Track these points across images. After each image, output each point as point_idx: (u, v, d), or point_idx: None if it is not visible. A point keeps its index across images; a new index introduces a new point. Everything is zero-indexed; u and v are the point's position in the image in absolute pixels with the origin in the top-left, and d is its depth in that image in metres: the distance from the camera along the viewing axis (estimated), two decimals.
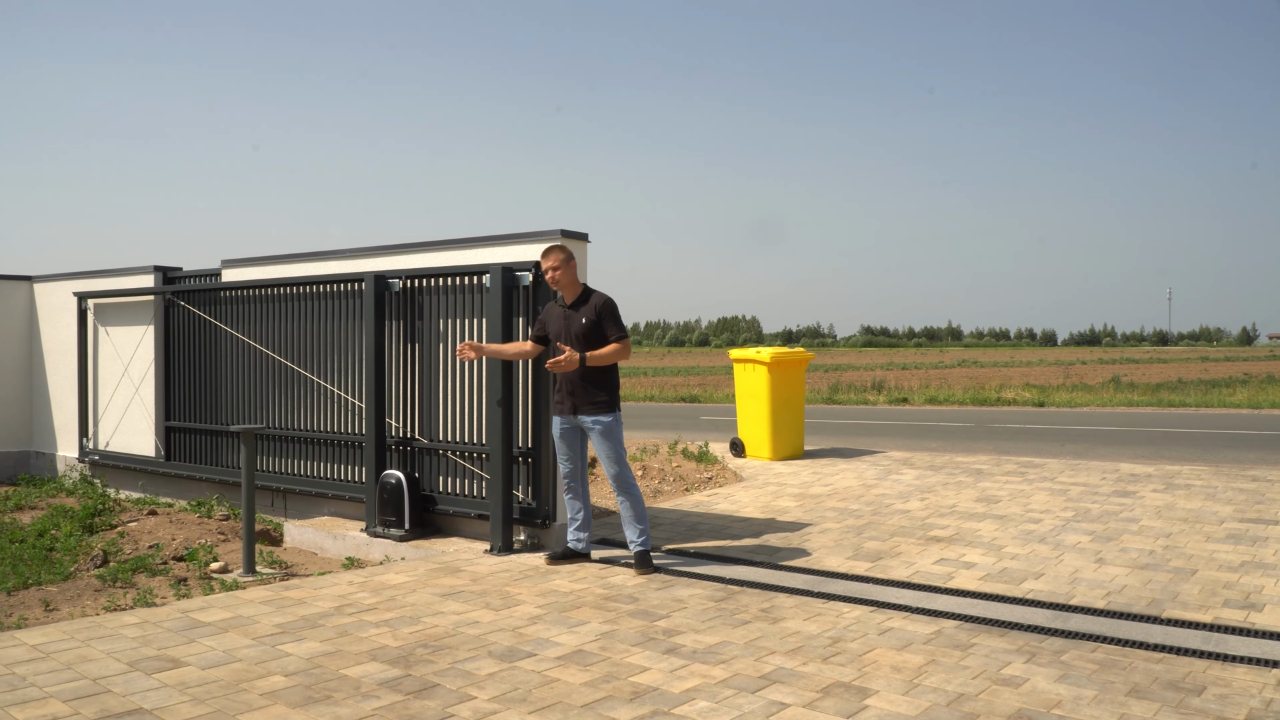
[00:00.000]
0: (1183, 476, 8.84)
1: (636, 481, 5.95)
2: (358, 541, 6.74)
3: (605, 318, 5.74)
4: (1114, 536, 6.45)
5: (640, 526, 5.74)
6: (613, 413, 5.75)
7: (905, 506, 7.63)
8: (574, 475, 5.90)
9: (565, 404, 5.78)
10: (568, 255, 5.79)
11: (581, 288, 5.86)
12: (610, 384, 5.80)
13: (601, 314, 5.73)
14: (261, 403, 7.97)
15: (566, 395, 5.77)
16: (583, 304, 5.77)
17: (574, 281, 5.81)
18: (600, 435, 5.73)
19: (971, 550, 6.14)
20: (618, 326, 5.76)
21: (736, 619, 4.71)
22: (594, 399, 5.72)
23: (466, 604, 4.96)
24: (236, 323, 8.16)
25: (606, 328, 5.74)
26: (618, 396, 5.85)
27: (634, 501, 5.77)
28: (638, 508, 5.77)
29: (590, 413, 5.73)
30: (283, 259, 7.90)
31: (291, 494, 7.77)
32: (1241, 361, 66.14)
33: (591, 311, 5.73)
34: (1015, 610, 4.86)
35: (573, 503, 5.95)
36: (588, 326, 5.71)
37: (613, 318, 5.76)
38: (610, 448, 5.73)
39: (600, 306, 5.74)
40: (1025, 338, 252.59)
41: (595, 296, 5.81)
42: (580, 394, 5.72)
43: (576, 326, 5.73)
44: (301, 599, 5.07)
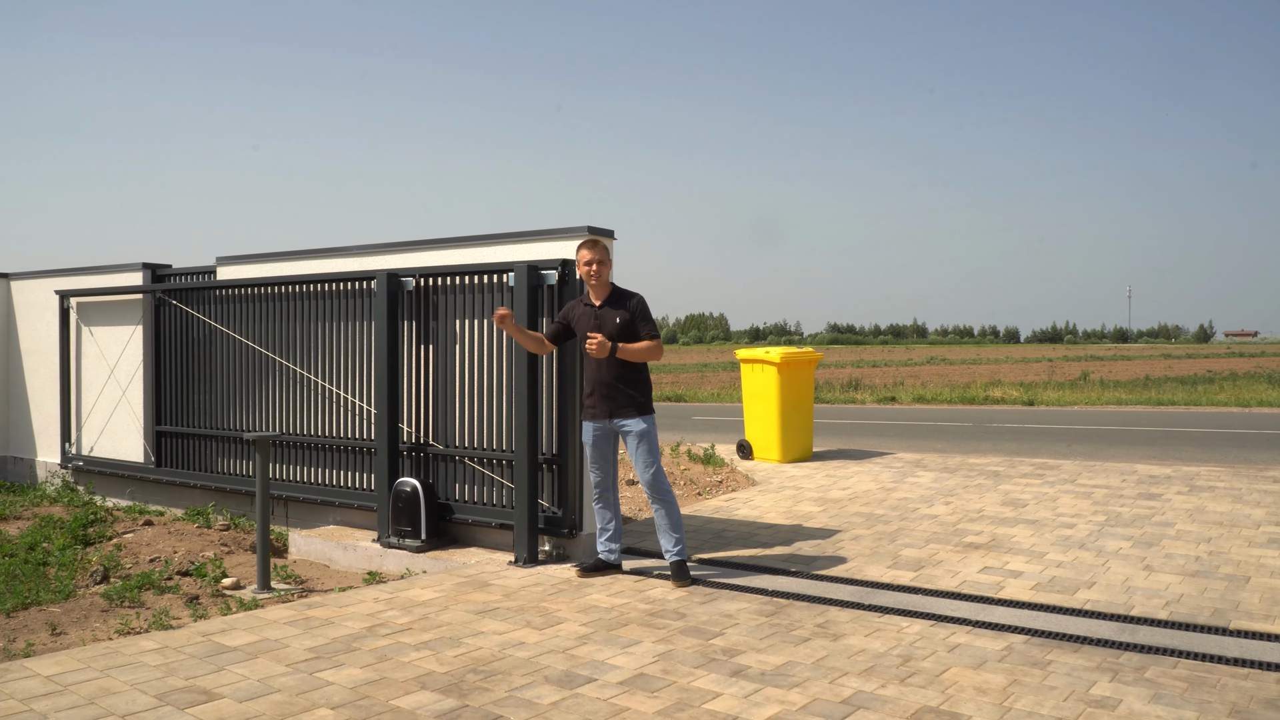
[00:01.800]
0: (1202, 478, 8.73)
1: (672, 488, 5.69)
2: (370, 553, 6.42)
3: (639, 317, 5.51)
4: (1154, 542, 6.29)
5: (676, 535, 5.48)
6: (648, 415, 5.53)
7: (931, 511, 7.44)
8: (606, 483, 5.63)
9: (599, 408, 5.51)
10: (605, 253, 5.54)
11: (611, 288, 5.61)
12: (644, 385, 5.56)
13: (636, 313, 5.50)
14: (261, 407, 7.61)
15: (600, 399, 5.50)
16: (614, 303, 5.53)
17: (606, 281, 5.58)
18: (636, 439, 5.48)
19: (1014, 558, 5.94)
20: (651, 325, 5.54)
21: (794, 635, 4.47)
22: (629, 401, 5.48)
23: (506, 622, 4.67)
24: (234, 323, 7.79)
25: (640, 327, 5.51)
26: (652, 399, 5.61)
27: (669, 509, 5.51)
28: (673, 515, 5.51)
29: (625, 416, 5.48)
30: (284, 256, 7.55)
31: (294, 502, 7.43)
32: (1203, 359, 67.16)
33: (625, 310, 5.49)
34: (1078, 623, 4.67)
35: (603, 512, 5.67)
36: (621, 326, 5.46)
37: (646, 317, 5.54)
38: (645, 452, 5.48)
39: (634, 306, 5.52)
40: (989, 335, 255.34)
41: (627, 295, 5.59)
42: (614, 397, 5.47)
43: (610, 326, 5.46)
44: (328, 619, 4.76)
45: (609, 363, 5.43)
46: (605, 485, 5.63)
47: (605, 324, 5.46)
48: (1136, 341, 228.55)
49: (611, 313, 5.49)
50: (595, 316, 5.52)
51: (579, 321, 5.58)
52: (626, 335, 5.46)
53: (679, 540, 5.49)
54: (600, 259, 5.48)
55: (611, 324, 5.46)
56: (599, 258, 5.48)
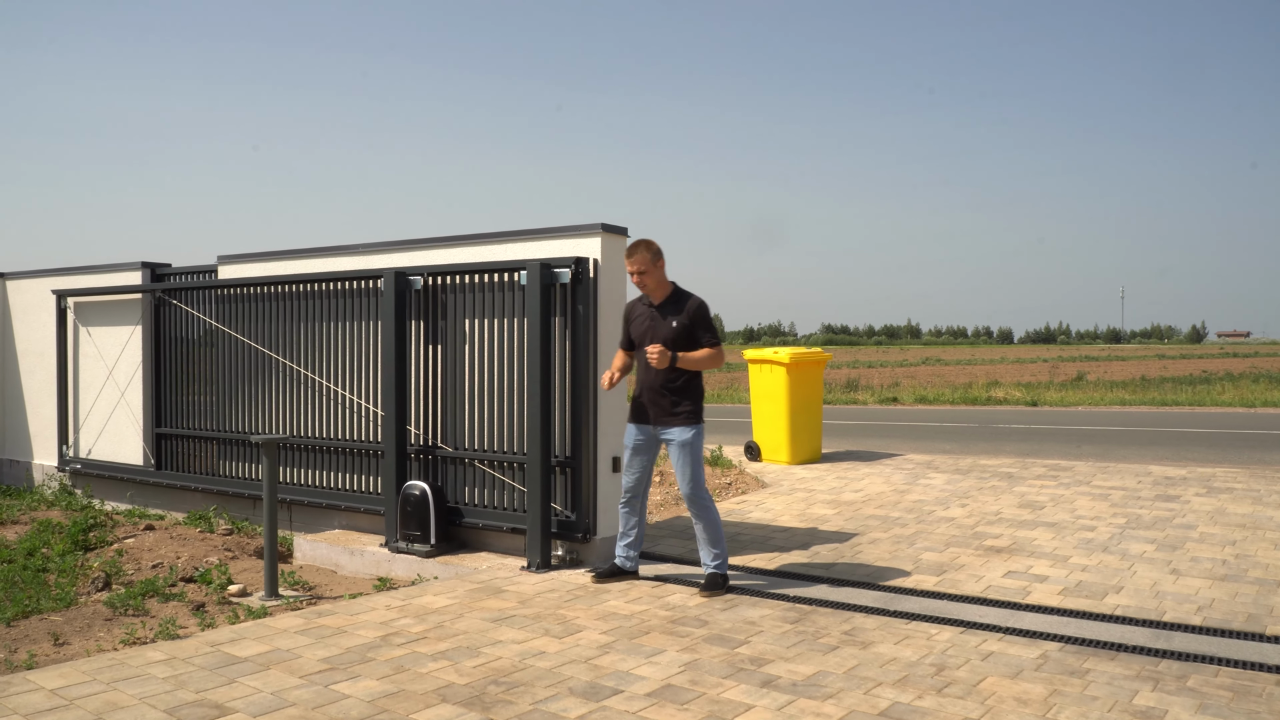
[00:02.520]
0: (1219, 479, 8.62)
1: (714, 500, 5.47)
2: (377, 558, 6.27)
3: (698, 323, 5.24)
4: (1178, 545, 6.18)
5: (716, 550, 5.25)
6: (695, 426, 5.26)
7: (948, 514, 7.31)
8: (638, 489, 5.40)
9: (644, 413, 5.31)
10: (654, 254, 5.25)
11: (671, 287, 5.36)
12: (695, 393, 5.31)
13: (694, 318, 5.24)
14: (264, 409, 7.45)
15: (646, 403, 5.29)
16: (672, 306, 5.29)
17: (662, 281, 5.32)
18: (678, 448, 5.23)
19: (1037, 562, 5.82)
20: (712, 332, 5.27)
21: (821, 643, 4.34)
22: (676, 409, 5.24)
23: (524, 631, 4.53)
24: (236, 323, 7.63)
25: (699, 333, 5.24)
26: (702, 408, 5.35)
27: (710, 522, 5.25)
28: (713, 530, 5.25)
29: (670, 424, 5.24)
30: (288, 255, 7.39)
31: (298, 505, 7.27)
32: (1198, 359, 67.27)
33: (683, 315, 5.24)
34: (1111, 629, 4.55)
35: (629, 517, 5.47)
36: (678, 331, 5.22)
37: (706, 323, 5.27)
38: (688, 463, 5.22)
39: (693, 311, 5.24)
40: (982, 335, 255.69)
41: (687, 299, 5.31)
42: (660, 403, 5.25)
43: (665, 330, 5.24)
44: (340, 627, 4.61)
45: (663, 370, 5.20)
46: (637, 491, 5.41)
47: (661, 327, 5.24)
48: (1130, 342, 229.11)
49: (668, 315, 5.25)
50: (651, 318, 5.31)
51: (636, 322, 5.39)
52: (683, 340, 5.22)
53: (718, 555, 5.26)
54: (640, 269, 5.23)
55: (668, 327, 5.23)
56: (638, 269, 5.24)
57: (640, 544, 5.54)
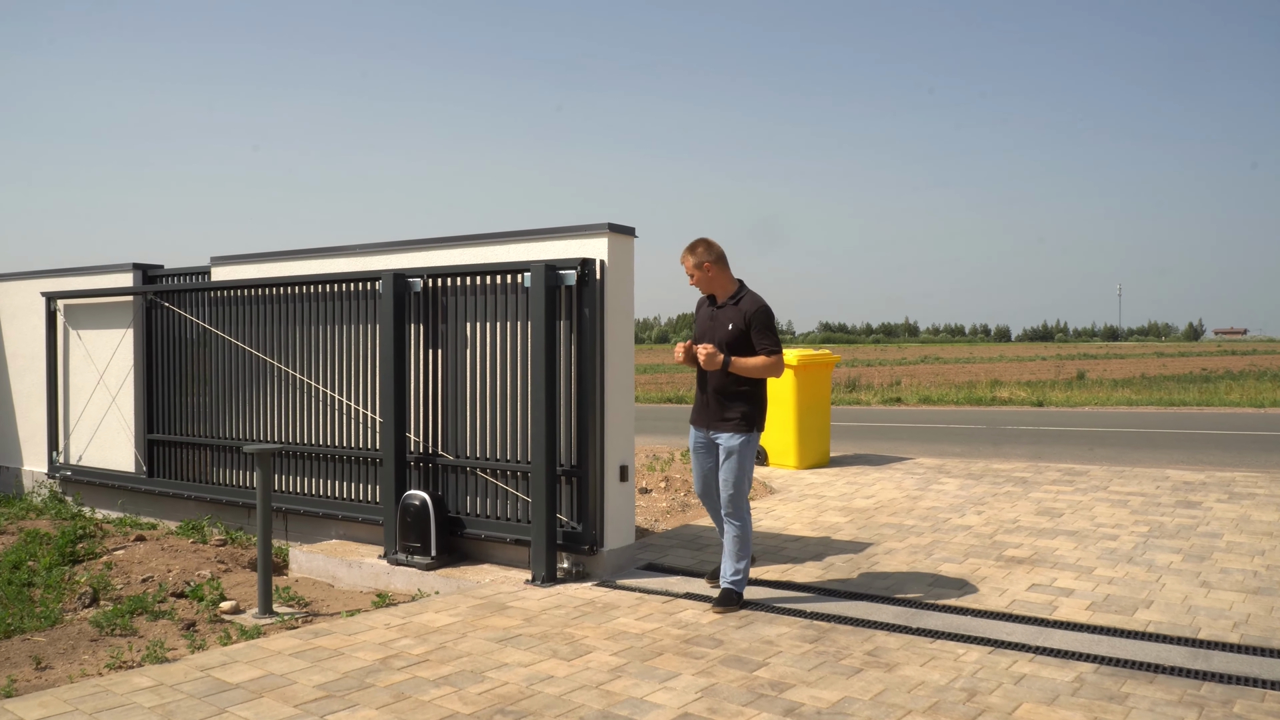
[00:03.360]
0: (1239, 484, 8.41)
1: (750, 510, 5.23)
2: (376, 570, 6.05)
3: (755, 327, 5.00)
4: (1205, 555, 5.97)
5: (739, 566, 5.05)
6: (747, 433, 5.01)
7: (964, 521, 7.10)
8: (708, 493, 5.23)
9: (701, 417, 5.16)
10: (702, 256, 5.07)
11: (735, 286, 5.13)
12: (751, 400, 5.05)
13: (751, 322, 5.00)
14: (259, 415, 7.23)
15: (702, 406, 5.15)
16: (732, 306, 5.07)
17: (719, 281, 5.11)
18: (725, 453, 5.03)
19: (1061, 574, 5.61)
20: (769, 338, 5.01)
21: (843, 665, 4.12)
22: (729, 414, 5.02)
23: (530, 652, 4.31)
24: (229, 326, 7.40)
25: (756, 339, 5.00)
26: (758, 415, 5.08)
27: (741, 536, 5.05)
28: (744, 544, 5.06)
29: (722, 429, 5.04)
30: (283, 256, 7.17)
31: (294, 515, 7.05)
32: (1196, 357, 67.17)
33: (740, 318, 5.02)
34: (1146, 648, 4.34)
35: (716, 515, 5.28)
36: (733, 334, 5.01)
37: (764, 328, 5.01)
38: (733, 469, 5.01)
39: (751, 314, 5.01)
40: (980, 333, 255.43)
41: (747, 300, 5.08)
42: (716, 407, 5.06)
43: (721, 333, 5.03)
44: (337, 649, 4.39)
45: (717, 372, 5.02)
46: (707, 495, 5.24)
47: (718, 328, 5.06)
48: (1127, 340, 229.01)
49: (727, 316, 5.06)
50: (712, 318, 5.14)
51: (699, 319, 5.24)
52: (741, 343, 5.01)
53: (739, 572, 5.04)
54: (690, 272, 5.11)
55: (724, 330, 5.04)
56: (689, 269, 5.11)
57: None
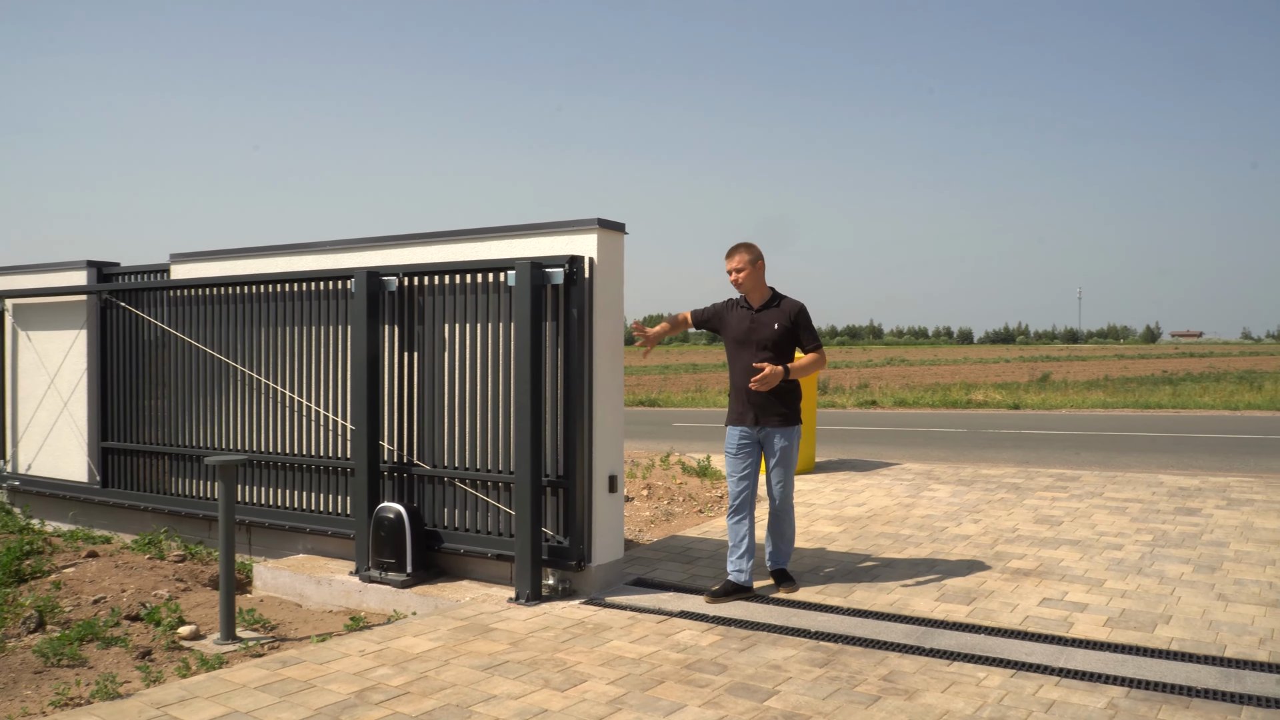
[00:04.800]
0: (1235, 490, 8.23)
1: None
2: (347, 587, 5.68)
3: (801, 326, 5.28)
4: (1215, 565, 5.75)
5: (786, 547, 5.46)
6: (796, 426, 5.30)
7: (961, 530, 6.84)
8: (748, 496, 5.28)
9: (748, 414, 5.24)
10: (754, 255, 5.25)
11: (770, 291, 5.34)
12: (798, 393, 5.35)
13: (797, 322, 5.27)
14: (221, 422, 6.81)
15: (749, 405, 5.22)
16: (773, 309, 5.27)
17: (761, 284, 5.31)
18: (782, 450, 5.26)
19: (1071, 587, 5.36)
20: (814, 335, 5.34)
21: (860, 693, 3.83)
22: (781, 409, 5.23)
23: (520, 681, 3.97)
24: (190, 327, 6.98)
25: (802, 337, 5.30)
26: (799, 409, 5.36)
27: (789, 521, 5.44)
28: (791, 527, 5.46)
29: (776, 424, 5.22)
30: (248, 253, 6.76)
31: (258, 527, 6.65)
32: (1156, 359, 68.14)
33: (785, 318, 5.24)
34: (1174, 668, 4.10)
35: (739, 527, 5.27)
36: (779, 334, 5.21)
37: (809, 327, 5.33)
38: (788, 465, 5.30)
39: (795, 314, 5.27)
40: (943, 336, 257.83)
41: (787, 302, 5.33)
42: (768, 404, 5.20)
43: (766, 333, 5.21)
44: (308, 680, 4.02)
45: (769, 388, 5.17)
46: (747, 497, 5.28)
47: (762, 329, 5.23)
48: (1087, 342, 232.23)
49: (770, 318, 5.25)
50: (751, 320, 5.27)
51: (734, 324, 5.33)
52: (785, 343, 5.25)
53: (787, 552, 5.47)
54: (739, 267, 5.24)
55: (769, 329, 5.22)
56: (737, 266, 5.25)
57: (753, 554, 5.29)
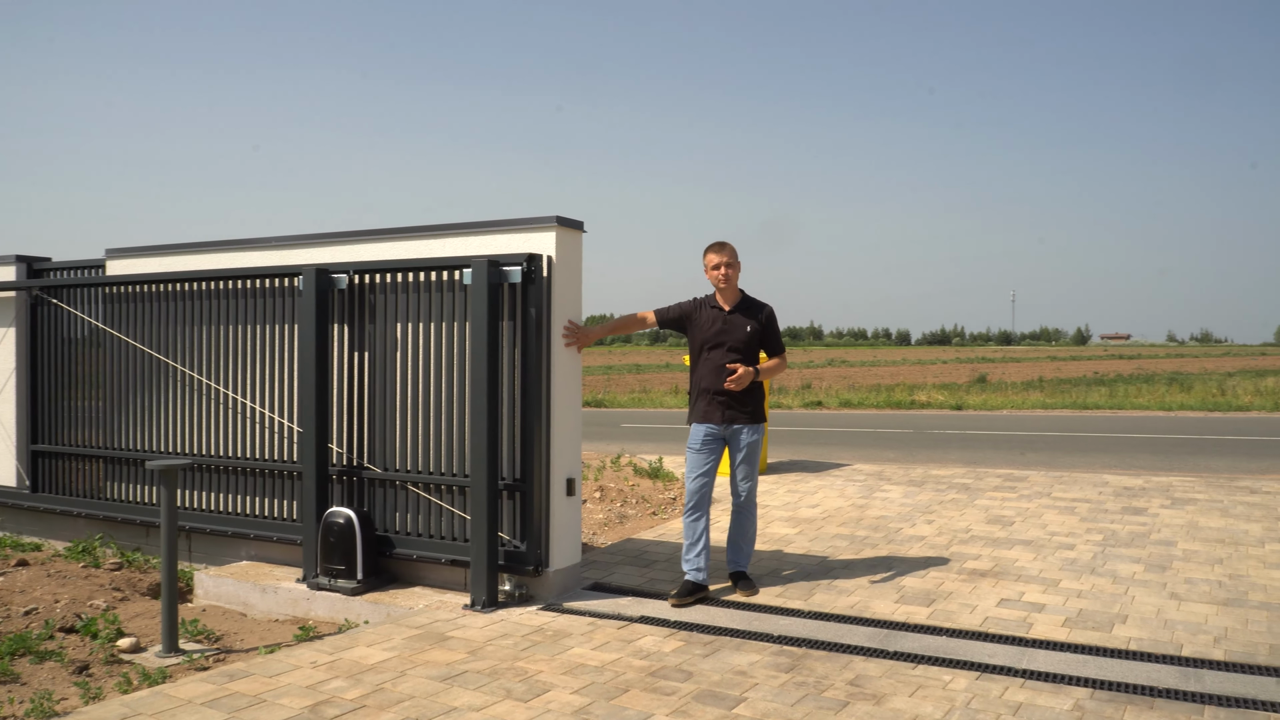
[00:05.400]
0: (1178, 489, 8.39)
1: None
2: (294, 595, 5.49)
3: (770, 329, 5.40)
4: (1166, 565, 5.83)
5: (748, 549, 5.48)
6: (761, 424, 5.38)
7: (916, 531, 6.86)
8: (706, 493, 5.32)
9: (715, 412, 5.26)
10: (736, 253, 5.33)
11: (741, 294, 5.39)
12: (763, 392, 5.58)
13: (767, 325, 5.38)
14: (160, 424, 6.55)
15: (717, 403, 5.26)
16: (744, 310, 5.34)
17: (735, 288, 5.36)
18: (749, 447, 5.32)
19: (1027, 587, 5.39)
20: (779, 339, 5.48)
21: (827, 699, 3.78)
22: (749, 406, 5.30)
23: (481, 692, 3.85)
24: (128, 326, 6.71)
25: (770, 339, 5.41)
26: (764, 408, 5.52)
27: (753, 520, 5.50)
28: (753, 528, 5.51)
29: (745, 422, 5.29)
30: (189, 248, 6.51)
31: (199, 534, 6.40)
32: (1086, 360, 70.00)
33: (757, 321, 5.33)
34: (1135, 668, 4.13)
35: (696, 525, 5.31)
36: (751, 336, 5.28)
37: (776, 329, 5.45)
38: (753, 461, 5.37)
39: (767, 317, 5.39)
40: (882, 337, 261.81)
41: (759, 305, 5.41)
42: (737, 401, 5.26)
43: (738, 335, 5.26)
44: (258, 694, 3.85)
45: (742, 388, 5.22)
46: (705, 495, 5.32)
47: (735, 330, 5.27)
48: (1020, 344, 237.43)
49: (742, 320, 5.30)
50: (723, 321, 5.30)
51: (704, 324, 5.34)
52: (754, 346, 5.32)
53: (749, 553, 5.49)
54: (729, 262, 5.27)
55: (741, 332, 5.27)
56: (728, 260, 5.26)
57: (709, 553, 5.38)
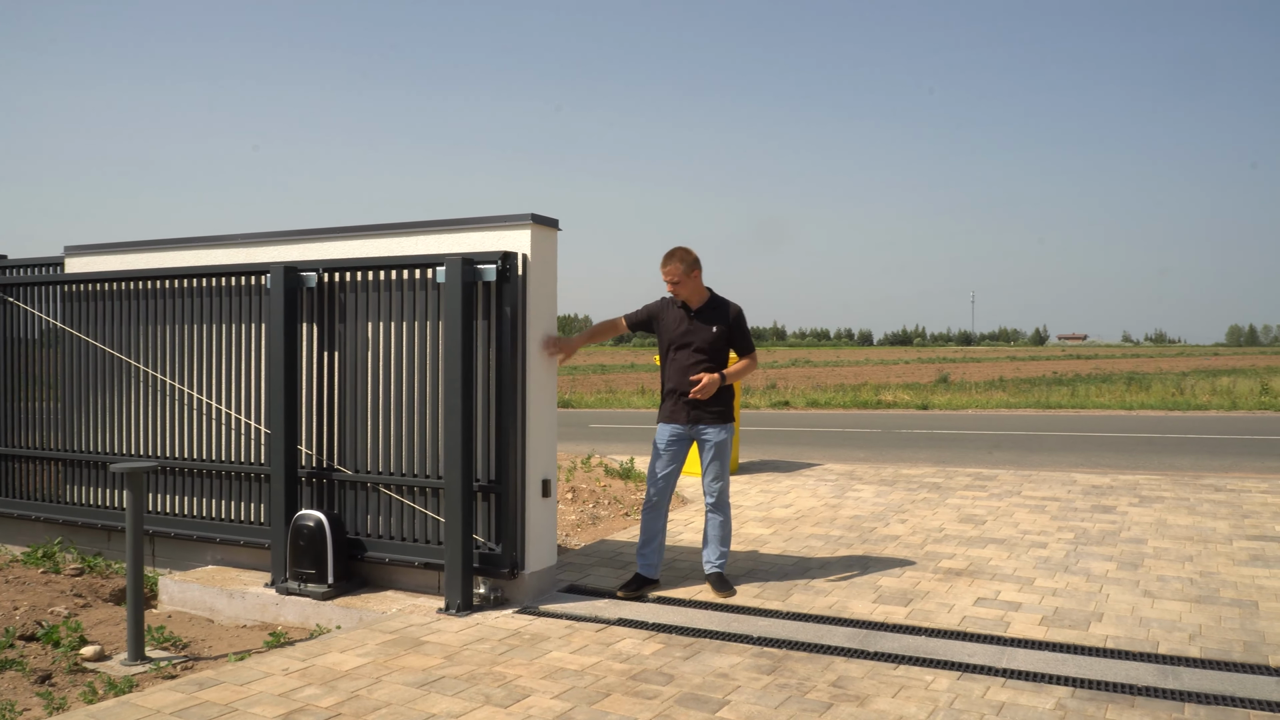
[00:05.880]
0: (1145, 488, 8.48)
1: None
2: (263, 600, 5.37)
3: (738, 331, 5.32)
4: (1137, 563, 5.88)
5: (723, 549, 5.40)
6: (729, 424, 5.35)
7: (890, 531, 6.87)
8: (666, 491, 5.38)
9: (680, 413, 5.28)
10: (689, 263, 5.18)
11: (708, 294, 5.32)
12: (732, 392, 5.45)
13: (734, 327, 5.30)
14: (122, 425, 6.39)
15: (683, 404, 5.26)
16: (712, 312, 5.27)
17: (699, 289, 5.27)
18: (715, 447, 5.30)
19: (1003, 586, 5.41)
20: (748, 339, 5.41)
21: (811, 700, 3.75)
22: (716, 407, 5.27)
23: (460, 699, 3.77)
24: (88, 325, 6.53)
25: (737, 341, 5.33)
26: (733, 408, 5.53)
27: (727, 519, 5.43)
28: (728, 527, 5.44)
29: (710, 422, 5.27)
30: (152, 245, 6.35)
31: (163, 538, 6.25)
32: (1045, 361, 71.05)
33: (723, 322, 5.26)
34: (1113, 666, 4.15)
35: (654, 523, 5.37)
36: (717, 336, 5.23)
37: (745, 331, 5.38)
38: (723, 461, 5.34)
39: (734, 319, 5.31)
40: (844, 337, 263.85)
41: (726, 305, 5.34)
42: (702, 403, 5.24)
43: (704, 336, 5.22)
44: (228, 703, 3.74)
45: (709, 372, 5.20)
46: (665, 492, 5.37)
47: (701, 332, 5.23)
48: (980, 344, 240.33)
49: (708, 321, 5.25)
50: (690, 323, 5.26)
51: (670, 325, 5.31)
52: (721, 346, 5.26)
53: (724, 554, 5.42)
54: (676, 280, 5.18)
55: (707, 333, 5.23)
56: (675, 278, 5.19)
57: (663, 550, 5.46)
